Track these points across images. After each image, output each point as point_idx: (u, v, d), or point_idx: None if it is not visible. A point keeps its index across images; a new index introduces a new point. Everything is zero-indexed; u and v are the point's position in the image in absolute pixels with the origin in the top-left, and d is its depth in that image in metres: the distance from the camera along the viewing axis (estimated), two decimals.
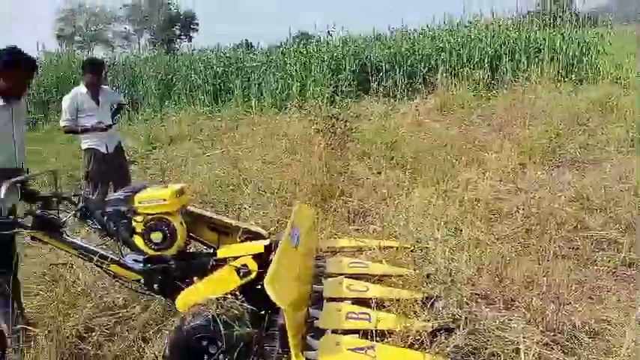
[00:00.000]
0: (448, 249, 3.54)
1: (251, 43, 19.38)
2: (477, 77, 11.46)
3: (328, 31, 15.02)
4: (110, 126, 5.28)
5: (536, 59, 12.59)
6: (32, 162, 4.05)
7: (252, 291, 2.74)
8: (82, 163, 5.41)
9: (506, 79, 11.87)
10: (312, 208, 4.40)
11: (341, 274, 3.30)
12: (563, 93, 9.75)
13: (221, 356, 2.54)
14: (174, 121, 10.78)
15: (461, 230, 3.96)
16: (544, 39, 13.03)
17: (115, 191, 4.42)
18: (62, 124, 5.27)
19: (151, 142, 9.40)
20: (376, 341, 2.47)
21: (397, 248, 3.62)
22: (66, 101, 5.19)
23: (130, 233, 2.93)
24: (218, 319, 2.50)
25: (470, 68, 12.22)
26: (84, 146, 5.27)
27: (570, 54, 12.74)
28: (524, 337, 2.56)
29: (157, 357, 2.75)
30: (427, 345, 2.44)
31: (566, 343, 2.62)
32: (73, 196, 3.28)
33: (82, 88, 5.23)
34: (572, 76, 11.93)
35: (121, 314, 3.33)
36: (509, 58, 12.85)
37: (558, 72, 11.79)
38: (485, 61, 12.83)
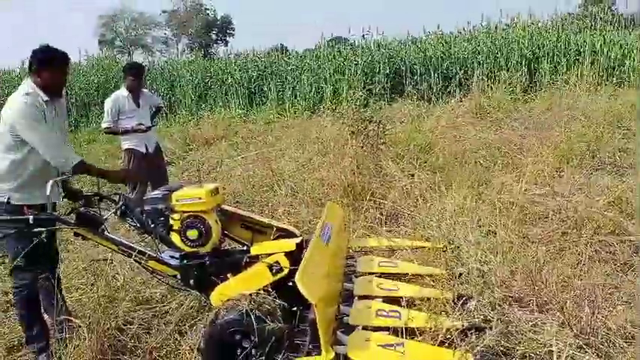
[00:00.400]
0: (481, 250, 3.51)
1: (286, 47, 19.54)
2: (514, 80, 11.28)
3: (363, 35, 15.08)
4: (150, 127, 5.46)
5: (576, 62, 12.32)
6: None
7: (284, 287, 2.79)
8: (122, 163, 5.60)
9: (545, 82, 11.65)
10: (344, 208, 4.43)
11: (372, 273, 3.33)
12: (603, 96, 9.51)
13: (253, 350, 2.59)
14: (210, 124, 10.98)
15: (495, 233, 3.93)
16: (584, 41, 12.74)
17: (152, 190, 4.56)
18: (104, 125, 5.47)
19: (187, 143, 9.60)
20: (406, 339, 2.48)
21: (429, 249, 3.62)
22: (108, 103, 5.39)
23: (167, 230, 3.02)
24: (251, 314, 2.55)
25: (507, 71, 12.04)
26: (124, 146, 5.46)
27: (611, 57, 12.41)
28: (557, 340, 2.53)
29: (192, 349, 2.82)
30: (457, 344, 2.43)
31: (601, 346, 2.57)
32: (114, 194, 3.40)
33: (123, 91, 5.42)
34: (613, 79, 11.63)
35: (158, 308, 3.44)
36: (547, 60, 12.60)
37: (599, 75, 11.51)
38: (523, 63, 12.62)
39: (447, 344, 2.46)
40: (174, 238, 3.00)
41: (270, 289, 2.77)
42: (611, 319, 2.75)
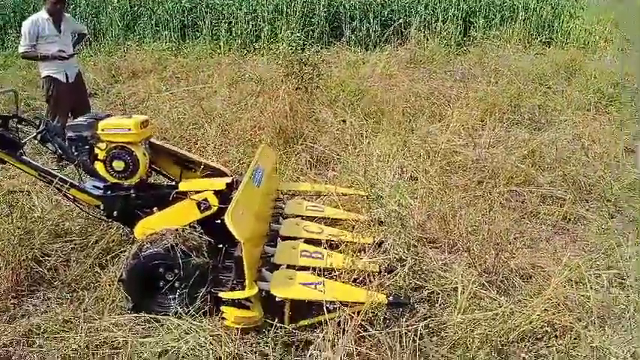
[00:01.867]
0: (401, 195, 3.67)
1: None
2: (449, 32, 11.49)
3: None
4: (71, 55, 5.14)
5: (510, 19, 12.65)
6: None
7: (210, 225, 2.82)
8: (43, 91, 5.27)
9: (478, 36, 11.92)
10: (275, 150, 4.46)
11: (298, 216, 3.41)
12: (531, 54, 9.91)
13: (177, 283, 2.64)
14: (138, 56, 10.43)
15: (416, 179, 4.11)
16: None
17: None
18: (21, 49, 5.08)
19: (113, 75, 9.10)
20: (326, 278, 2.60)
21: (353, 195, 3.74)
22: (26, 26, 4.98)
23: (92, 159, 2.94)
24: (176, 248, 2.58)
25: (443, 23, 12.21)
26: (43, 74, 5.12)
27: (543, 16, 12.83)
28: (463, 278, 2.75)
29: (112, 282, 2.82)
30: (371, 282, 2.58)
31: (501, 284, 2.83)
32: (34, 118, 3.25)
33: (43, 14, 5.03)
34: (543, 37, 12.09)
35: (77, 241, 3.37)
36: (482, 15, 12.86)
37: (529, 33, 11.92)
38: (460, 17, 12.80)
39: (362, 283, 2.61)
40: (99, 167, 2.93)
41: (195, 226, 2.79)
42: (513, 261, 3.01)
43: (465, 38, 12.10)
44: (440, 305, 2.75)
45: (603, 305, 2.62)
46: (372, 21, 12.80)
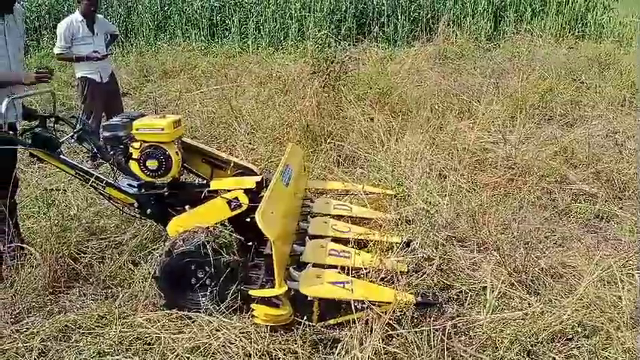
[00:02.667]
0: (430, 194, 3.66)
1: None
2: (479, 27, 11.33)
3: None
4: (105, 56, 5.27)
5: (541, 12, 12.39)
6: None
7: (240, 223, 2.86)
8: (77, 92, 5.43)
9: (509, 31, 11.72)
10: (303, 148, 4.49)
11: (326, 215, 3.43)
12: (563, 48, 9.70)
13: (208, 280, 2.69)
14: (169, 55, 10.61)
15: (445, 177, 4.08)
16: None
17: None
18: (57, 51, 5.23)
19: (144, 75, 9.28)
20: (353, 277, 2.61)
21: (381, 194, 3.75)
22: (61, 27, 5.13)
23: (126, 158, 3.03)
24: (207, 246, 2.63)
25: (472, 16, 12.05)
26: (78, 75, 5.27)
27: (576, 8, 12.52)
28: (492, 277, 2.72)
29: (145, 279, 2.89)
30: (399, 281, 2.58)
31: (531, 283, 2.79)
32: (71, 117, 3.34)
33: (77, 16, 5.16)
34: (575, 31, 11.82)
35: (111, 239, 3.47)
36: (513, 9, 12.62)
37: (562, 26, 11.67)
38: (490, 11, 12.59)
39: (390, 282, 2.61)
40: (133, 166, 3.01)
41: (226, 224, 2.84)
42: (543, 260, 2.97)
43: (495, 32, 11.91)
44: (468, 305, 2.73)
45: (636, 306, 2.56)
46: (399, 17, 12.72)
